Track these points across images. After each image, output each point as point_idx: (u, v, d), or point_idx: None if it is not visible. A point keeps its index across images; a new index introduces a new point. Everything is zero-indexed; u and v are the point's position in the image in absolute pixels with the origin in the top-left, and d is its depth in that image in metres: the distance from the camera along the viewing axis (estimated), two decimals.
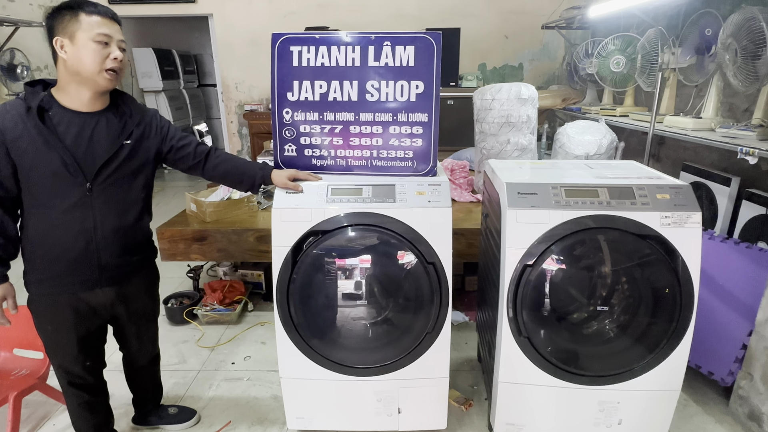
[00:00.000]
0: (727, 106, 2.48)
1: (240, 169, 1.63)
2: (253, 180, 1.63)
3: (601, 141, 2.71)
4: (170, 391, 2.12)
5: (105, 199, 1.40)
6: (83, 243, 1.39)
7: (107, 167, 1.39)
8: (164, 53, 6.29)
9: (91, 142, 1.37)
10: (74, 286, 1.43)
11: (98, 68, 1.31)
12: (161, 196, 5.43)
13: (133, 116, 1.46)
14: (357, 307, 1.69)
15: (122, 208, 1.45)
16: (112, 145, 1.40)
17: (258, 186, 1.65)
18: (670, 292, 1.50)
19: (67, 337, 1.48)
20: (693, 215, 1.45)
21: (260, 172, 1.62)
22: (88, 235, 1.39)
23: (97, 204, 1.39)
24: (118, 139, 1.42)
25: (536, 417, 1.69)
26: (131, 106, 1.48)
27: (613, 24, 3.60)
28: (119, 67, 1.36)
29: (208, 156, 1.61)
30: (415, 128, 1.64)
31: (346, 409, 1.73)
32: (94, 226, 1.40)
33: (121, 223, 1.45)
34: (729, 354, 1.91)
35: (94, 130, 1.38)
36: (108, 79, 1.34)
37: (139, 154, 1.47)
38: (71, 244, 1.38)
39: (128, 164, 1.44)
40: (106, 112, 1.41)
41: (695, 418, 1.93)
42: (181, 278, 3.18)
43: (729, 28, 2.07)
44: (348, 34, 1.60)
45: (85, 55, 1.30)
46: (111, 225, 1.43)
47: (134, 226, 1.49)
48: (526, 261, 1.50)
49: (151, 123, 1.51)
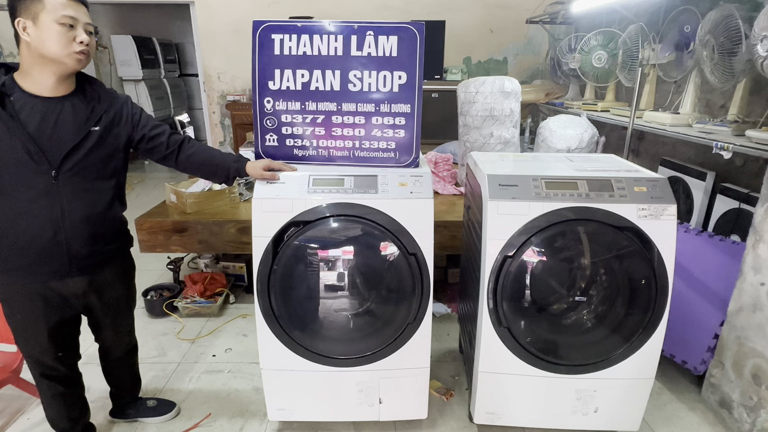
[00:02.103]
0: (704, 102, 2.54)
1: (214, 161, 1.60)
2: (227, 172, 1.60)
3: (582, 135, 2.75)
4: (149, 383, 2.09)
5: (72, 188, 1.36)
6: (51, 232, 1.35)
7: (74, 155, 1.34)
8: (144, 41, 6.14)
9: (56, 128, 1.32)
10: (43, 275, 1.40)
11: (64, 51, 1.26)
12: (141, 187, 5.33)
13: (101, 101, 1.41)
14: (339, 298, 1.69)
15: (91, 196, 1.41)
16: (78, 132, 1.35)
17: (232, 178, 1.62)
18: (646, 282, 1.53)
19: (36, 327, 1.45)
20: (669, 207, 1.48)
21: (234, 165, 1.59)
22: (56, 224, 1.35)
23: (64, 192, 1.35)
24: (85, 125, 1.36)
25: (515, 406, 1.71)
26: (99, 91, 1.43)
27: (595, 19, 3.64)
28: (86, 51, 1.31)
29: (181, 146, 1.57)
30: (398, 119, 1.63)
31: (327, 400, 1.73)
32: (62, 215, 1.36)
33: (91, 211, 1.41)
34: (702, 343, 1.97)
35: (60, 115, 1.33)
36: (78, 60, 1.29)
37: (108, 142, 1.42)
38: (38, 233, 1.34)
39: (96, 152, 1.39)
40: (71, 97, 1.36)
41: (669, 405, 1.98)
42: (161, 270, 3.13)
43: (707, 25, 2.11)
44: (331, 22, 1.57)
45: (49, 38, 1.24)
46: (79, 214, 1.38)
47: (104, 215, 1.45)
48: (507, 252, 1.51)
49: (122, 109, 1.46)
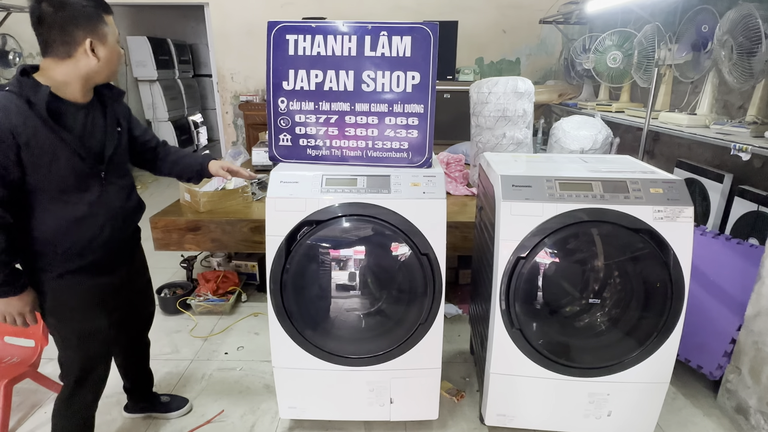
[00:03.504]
0: (722, 103, 2.49)
1: (182, 162, 1.68)
2: (191, 172, 1.68)
3: (596, 136, 2.72)
4: (163, 380, 2.12)
5: (115, 186, 1.43)
6: (110, 230, 1.42)
7: (114, 155, 1.42)
8: (159, 42, 6.21)
9: (94, 131, 1.37)
10: (109, 268, 1.46)
11: (116, 69, 1.37)
12: (155, 186, 5.39)
13: (116, 100, 1.47)
14: (350, 297, 1.69)
15: (128, 190, 1.50)
16: (112, 132, 1.42)
17: (197, 177, 1.69)
18: (661, 285, 1.51)
19: (98, 322, 1.47)
20: (685, 209, 1.46)
21: (199, 164, 1.68)
22: (113, 220, 1.43)
23: (112, 191, 1.42)
24: (115, 125, 1.43)
25: (527, 408, 1.70)
26: (111, 91, 1.45)
27: (610, 19, 3.60)
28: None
29: (162, 152, 1.67)
30: (411, 119, 1.63)
31: (338, 399, 1.74)
32: (116, 212, 1.43)
33: (130, 204, 1.50)
34: (718, 348, 1.93)
35: (95, 118, 1.38)
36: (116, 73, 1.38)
37: (126, 137, 1.50)
38: (98, 232, 1.39)
39: (123, 149, 1.48)
40: (96, 100, 1.40)
41: (683, 410, 1.95)
42: (174, 268, 3.17)
43: (725, 24, 2.08)
44: (344, 23, 1.58)
45: (113, 59, 1.33)
46: (125, 208, 1.47)
47: (137, 205, 1.55)
48: (520, 253, 1.50)
49: (125, 110, 1.53)
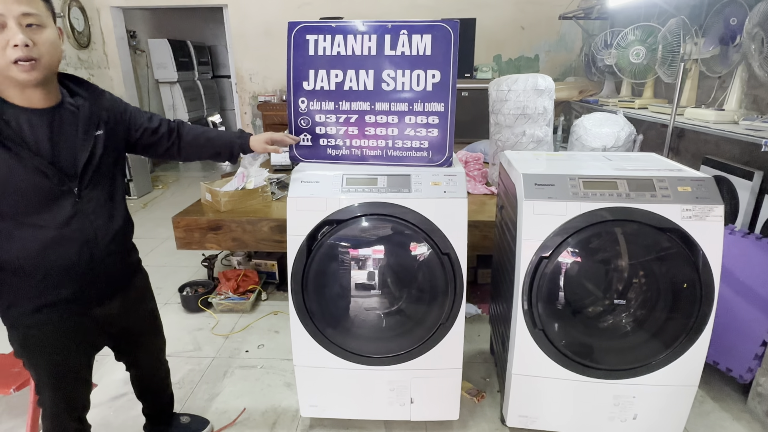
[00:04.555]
0: (752, 98, 2.42)
1: (217, 141, 1.52)
2: (231, 149, 1.53)
3: (618, 133, 2.66)
4: (186, 377, 2.16)
5: (95, 203, 1.22)
6: (88, 255, 1.22)
7: (89, 165, 1.19)
8: (179, 44, 6.33)
9: (63, 140, 1.14)
10: (85, 302, 1.27)
11: (1, 62, 1.01)
12: (176, 186, 5.49)
13: (96, 102, 1.24)
14: (371, 297, 1.69)
15: (110, 209, 1.27)
16: (85, 141, 1.18)
17: (236, 155, 1.54)
18: (690, 286, 1.47)
19: (77, 363, 1.32)
20: (715, 208, 1.42)
21: (238, 141, 1.52)
22: (91, 245, 1.22)
23: (89, 209, 1.21)
24: (88, 131, 1.20)
25: (550, 410, 1.68)
26: (88, 90, 1.24)
27: (633, 14, 3.52)
28: (26, 56, 1.01)
29: (179, 134, 1.45)
30: (431, 118, 1.62)
31: (359, 398, 1.74)
32: (95, 235, 1.22)
33: (115, 225, 1.29)
34: (748, 351, 1.88)
35: (62, 126, 1.14)
36: (21, 72, 1.02)
37: (111, 144, 1.27)
38: (75, 259, 1.20)
39: (105, 158, 1.24)
40: (65, 102, 1.17)
41: (712, 414, 1.90)
42: (196, 267, 3.22)
43: (756, 17, 2.01)
44: (364, 22, 1.58)
45: None
46: (107, 229, 1.26)
47: (125, 225, 1.34)
48: (542, 253, 1.48)
49: (115, 107, 1.31)
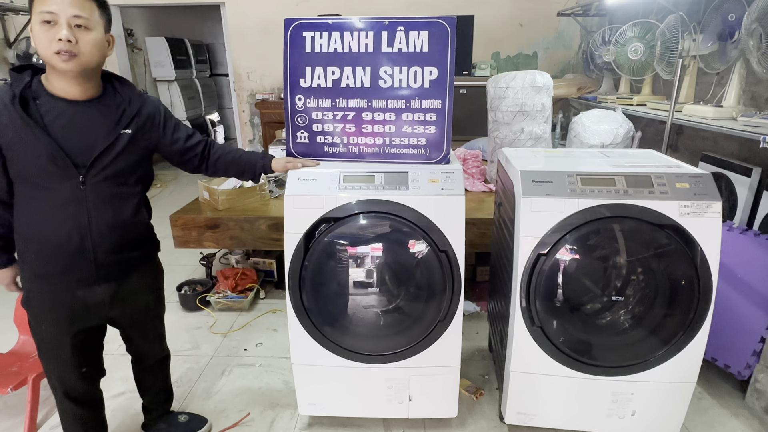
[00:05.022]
0: (750, 95, 2.41)
1: (241, 161, 1.62)
2: (254, 169, 1.63)
3: (617, 130, 2.66)
4: (184, 375, 2.15)
5: (100, 194, 1.30)
6: (77, 239, 1.30)
7: (102, 159, 1.29)
8: (177, 42, 6.31)
9: (83, 132, 1.26)
10: (71, 283, 1.34)
11: (47, 52, 1.18)
12: (174, 185, 5.48)
13: (132, 103, 1.35)
14: (369, 294, 1.69)
15: (118, 203, 1.35)
16: (108, 135, 1.29)
17: (259, 175, 1.65)
18: (688, 283, 1.47)
19: (61, 338, 1.39)
20: (713, 205, 1.41)
21: (261, 161, 1.63)
22: (83, 231, 1.30)
23: (91, 198, 1.29)
24: (115, 128, 1.31)
25: (548, 407, 1.68)
26: (130, 92, 1.37)
27: (631, 10, 3.51)
28: (67, 49, 1.18)
29: (209, 153, 1.58)
30: (429, 115, 1.62)
31: (357, 396, 1.74)
32: (89, 222, 1.30)
33: (118, 218, 1.35)
34: (746, 347, 1.88)
35: (87, 119, 1.27)
36: (60, 62, 1.19)
37: (138, 145, 1.36)
38: (65, 240, 1.29)
39: (126, 156, 1.33)
40: (101, 98, 1.31)
41: (710, 411, 1.90)
42: (194, 265, 3.21)
43: (754, 12, 2.01)
44: (361, 19, 1.57)
45: (36, 37, 1.18)
46: (106, 221, 1.33)
47: (131, 222, 1.39)
48: (540, 250, 1.48)
49: (154, 114, 1.42)
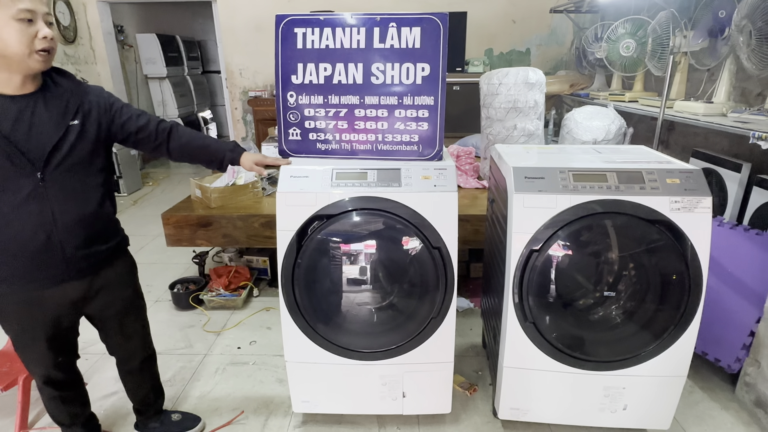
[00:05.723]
0: (740, 91, 2.43)
1: (208, 149, 1.57)
2: (221, 159, 1.58)
3: (609, 127, 2.67)
4: (177, 374, 2.14)
5: (61, 188, 1.29)
6: (43, 236, 1.28)
7: (57, 152, 1.27)
8: (168, 39, 6.25)
9: (33, 126, 1.24)
10: (39, 282, 1.32)
11: (26, 50, 1.16)
12: (167, 183, 5.44)
13: (75, 93, 1.33)
14: (362, 292, 1.69)
15: (82, 195, 1.33)
16: (57, 128, 1.27)
17: (226, 165, 1.60)
18: (678, 278, 1.48)
19: (34, 336, 1.39)
20: (703, 200, 1.43)
21: (229, 154, 1.57)
22: (48, 227, 1.28)
23: (52, 193, 1.27)
24: (63, 120, 1.28)
25: (541, 402, 1.69)
26: (71, 82, 1.34)
27: (623, 7, 3.52)
28: (49, 47, 1.20)
29: (170, 134, 1.52)
30: (421, 112, 1.61)
31: (351, 393, 1.74)
32: (53, 218, 1.28)
33: (83, 211, 1.33)
34: (736, 341, 1.90)
35: (34, 113, 1.25)
36: (40, 61, 1.20)
37: (89, 135, 1.34)
38: (29, 238, 1.27)
39: (80, 147, 1.31)
40: (43, 91, 1.27)
41: (701, 404, 1.92)
42: (186, 264, 3.20)
43: (744, 9, 2.02)
44: (353, 15, 1.56)
45: (8, 37, 1.14)
46: (71, 215, 1.31)
47: (97, 214, 1.38)
48: (533, 246, 1.49)
49: (98, 101, 1.38)
